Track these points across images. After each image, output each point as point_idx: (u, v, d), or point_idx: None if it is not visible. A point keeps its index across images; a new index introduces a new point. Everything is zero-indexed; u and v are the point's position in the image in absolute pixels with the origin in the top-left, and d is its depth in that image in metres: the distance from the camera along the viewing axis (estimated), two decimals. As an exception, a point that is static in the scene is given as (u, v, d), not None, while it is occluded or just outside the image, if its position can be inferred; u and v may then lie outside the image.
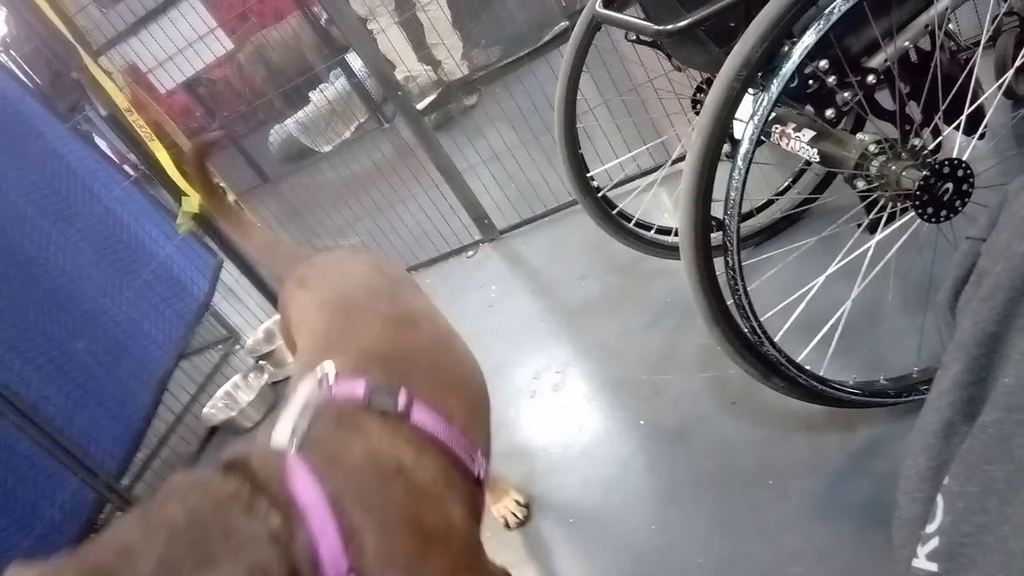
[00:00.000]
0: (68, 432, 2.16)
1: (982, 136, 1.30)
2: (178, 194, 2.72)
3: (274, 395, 2.77)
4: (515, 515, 1.62)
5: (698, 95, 1.78)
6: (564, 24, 4.09)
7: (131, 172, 2.96)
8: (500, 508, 1.65)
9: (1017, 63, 1.70)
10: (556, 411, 1.88)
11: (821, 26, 1.06)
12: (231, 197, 2.66)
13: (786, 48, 1.09)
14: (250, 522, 0.68)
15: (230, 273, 3.21)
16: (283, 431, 0.81)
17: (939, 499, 0.53)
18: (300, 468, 0.75)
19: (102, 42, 2.81)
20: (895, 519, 0.60)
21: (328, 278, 1.23)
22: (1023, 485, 0.47)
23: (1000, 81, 1.63)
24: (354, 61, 4.90)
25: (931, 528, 0.53)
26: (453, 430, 0.90)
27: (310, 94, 5.40)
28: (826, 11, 1.06)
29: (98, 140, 4.43)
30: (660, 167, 2.28)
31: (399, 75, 4.06)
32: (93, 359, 2.42)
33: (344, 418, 0.85)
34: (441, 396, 0.93)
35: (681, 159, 2.15)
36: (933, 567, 0.51)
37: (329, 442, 0.81)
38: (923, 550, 0.53)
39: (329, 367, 0.90)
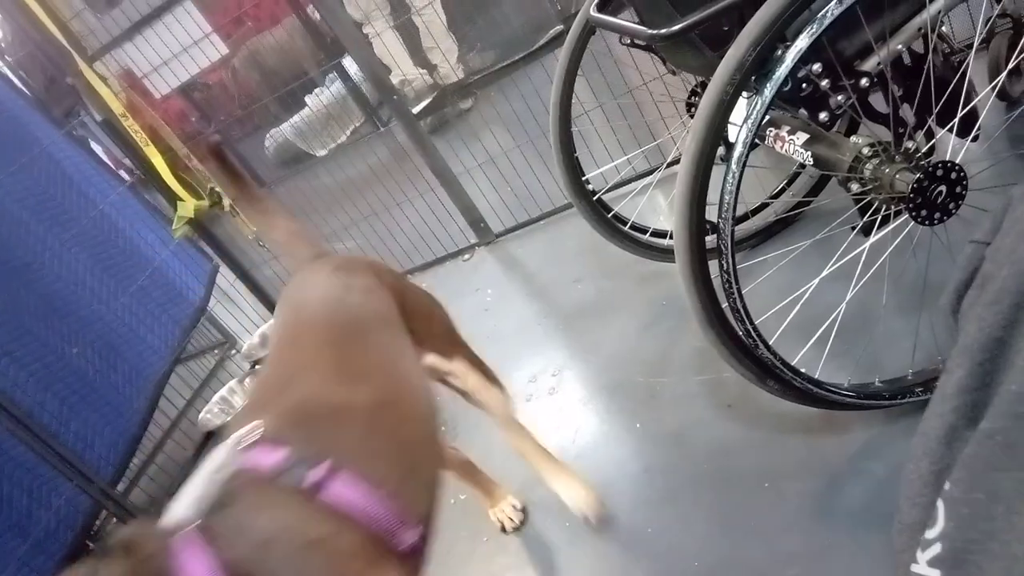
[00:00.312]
0: (63, 438, 2.16)
1: (975, 138, 1.30)
2: (173, 199, 2.72)
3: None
4: (511, 519, 1.62)
5: (692, 98, 1.79)
6: (559, 28, 4.09)
7: (127, 177, 2.96)
8: (497, 512, 1.65)
9: (1011, 65, 1.71)
10: (552, 415, 1.88)
11: (814, 30, 1.06)
12: (226, 202, 2.66)
13: (779, 52, 1.09)
14: None
15: (226, 278, 3.21)
16: (186, 503, 0.77)
17: (940, 504, 0.53)
18: (195, 548, 0.71)
19: (97, 47, 2.81)
20: (895, 523, 0.60)
21: (296, 305, 1.18)
22: None
23: (994, 83, 1.64)
24: (350, 65, 4.90)
25: (932, 534, 0.52)
26: (379, 502, 0.85)
27: (306, 98, 5.40)
28: (819, 15, 1.06)
29: (94, 145, 4.43)
30: (656, 170, 2.28)
31: (394, 79, 4.07)
32: (88, 364, 2.41)
33: (252, 492, 0.80)
34: (373, 462, 0.89)
35: (676, 162, 2.15)
36: (935, 573, 0.51)
37: (232, 518, 0.77)
38: (923, 556, 0.52)
39: (251, 430, 0.86)
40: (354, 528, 0.82)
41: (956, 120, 1.22)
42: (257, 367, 2.86)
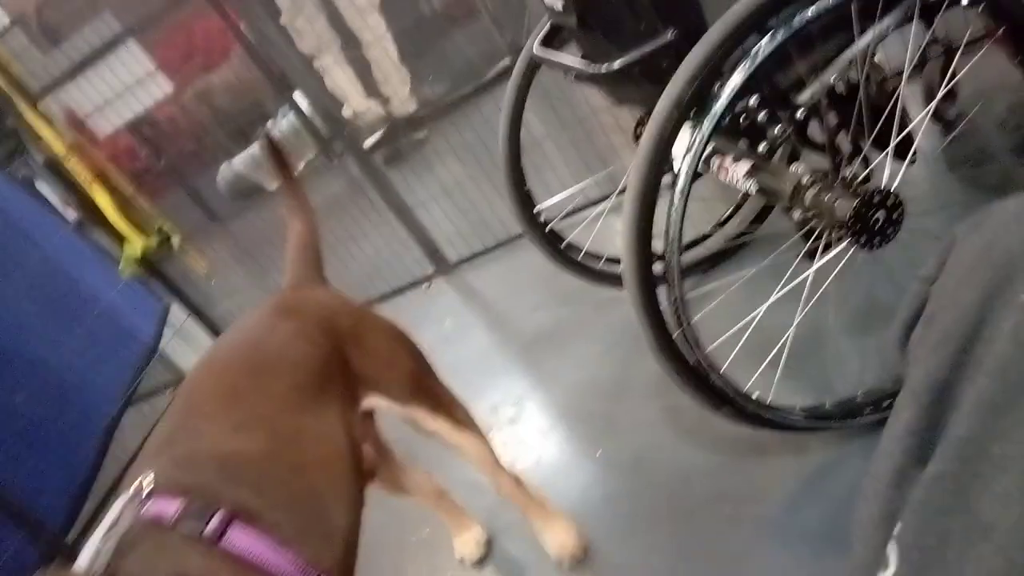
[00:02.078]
0: (11, 487, 2.10)
1: (913, 161, 1.34)
2: (120, 239, 2.67)
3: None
4: (473, 553, 1.61)
5: (639, 128, 1.81)
6: (507, 61, 4.12)
7: (73, 215, 2.90)
8: (460, 544, 1.63)
9: (943, 90, 1.77)
10: (514, 446, 1.87)
11: (748, 66, 1.09)
12: (176, 240, 2.62)
13: (716, 87, 1.12)
14: None
15: (178, 316, 3.15)
16: (88, 554, 0.80)
17: (892, 547, 0.54)
18: None
19: (46, 82, 2.75)
20: (849, 561, 0.61)
21: (216, 347, 1.20)
22: (981, 538, 0.48)
23: (928, 107, 1.69)
24: (301, 98, 4.87)
25: None
26: (279, 551, 0.86)
27: (258, 131, 5.34)
28: (751, 52, 1.09)
29: (40, 184, 4.34)
30: (608, 197, 2.30)
31: (346, 112, 4.05)
32: (36, 411, 2.35)
33: (150, 542, 0.82)
34: (266, 511, 0.90)
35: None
36: None
37: (133, 569, 0.79)
38: None
39: (147, 480, 0.87)
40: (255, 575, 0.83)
41: (891, 147, 1.26)
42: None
